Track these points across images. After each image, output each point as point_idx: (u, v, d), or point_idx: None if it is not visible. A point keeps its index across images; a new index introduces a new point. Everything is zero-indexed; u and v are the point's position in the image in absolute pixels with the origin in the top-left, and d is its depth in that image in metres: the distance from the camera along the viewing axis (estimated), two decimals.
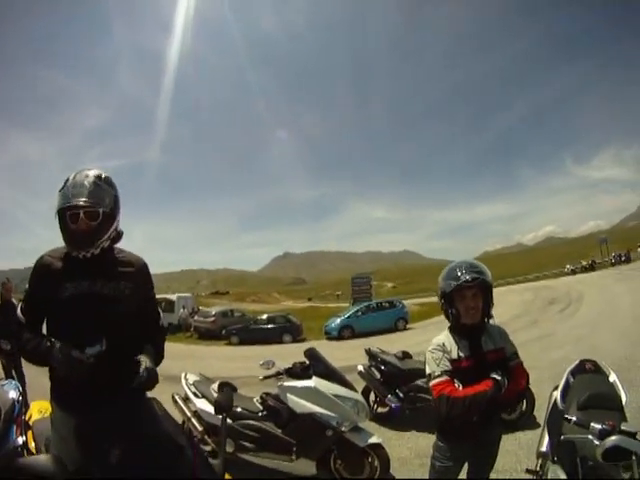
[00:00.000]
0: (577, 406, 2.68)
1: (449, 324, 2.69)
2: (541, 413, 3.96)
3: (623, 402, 2.84)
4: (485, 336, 2.62)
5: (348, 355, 11.29)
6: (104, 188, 2.16)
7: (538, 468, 3.05)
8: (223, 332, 24.01)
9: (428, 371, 2.56)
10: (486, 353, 2.57)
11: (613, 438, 2.01)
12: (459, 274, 2.54)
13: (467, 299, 2.52)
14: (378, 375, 6.55)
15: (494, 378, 2.41)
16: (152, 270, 2.37)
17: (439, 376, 2.47)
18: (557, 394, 3.05)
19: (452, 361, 2.52)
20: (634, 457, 1.95)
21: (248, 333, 23.20)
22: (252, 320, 25.44)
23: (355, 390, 4.56)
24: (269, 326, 23.60)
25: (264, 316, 25.15)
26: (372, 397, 6.66)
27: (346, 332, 22.17)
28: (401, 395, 6.29)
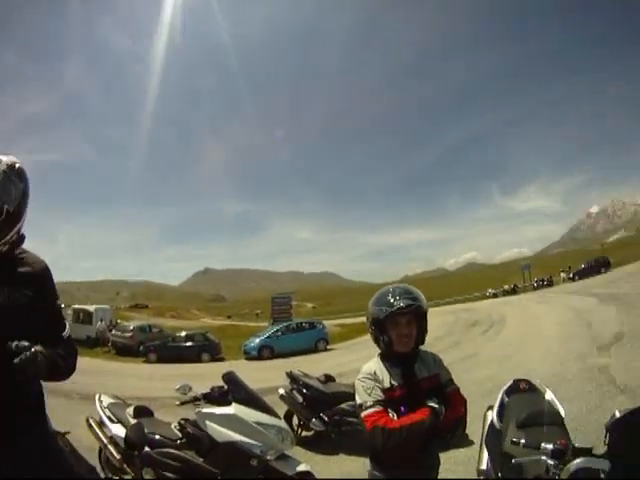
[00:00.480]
0: (516, 425, 2.71)
1: (379, 350, 2.57)
2: (473, 430, 3.98)
3: (563, 417, 2.93)
4: (418, 363, 2.54)
5: (268, 376, 11.36)
6: (13, 180, 1.81)
7: None
8: (141, 348, 23.67)
9: (359, 401, 2.40)
10: (420, 381, 2.48)
11: (580, 460, 2.00)
12: (392, 300, 2.43)
13: (401, 326, 2.43)
14: (301, 399, 6.48)
15: (431, 406, 2.32)
16: (72, 278, 2.04)
17: (372, 406, 2.33)
18: (493, 414, 3.15)
19: (384, 390, 2.40)
20: (602, 475, 1.95)
21: (166, 350, 23.11)
22: (170, 337, 25.42)
23: (278, 416, 4.39)
24: (187, 344, 23.71)
25: (182, 333, 25.32)
26: (295, 421, 6.64)
27: (266, 352, 22.42)
28: (326, 419, 6.27)
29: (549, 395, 3.22)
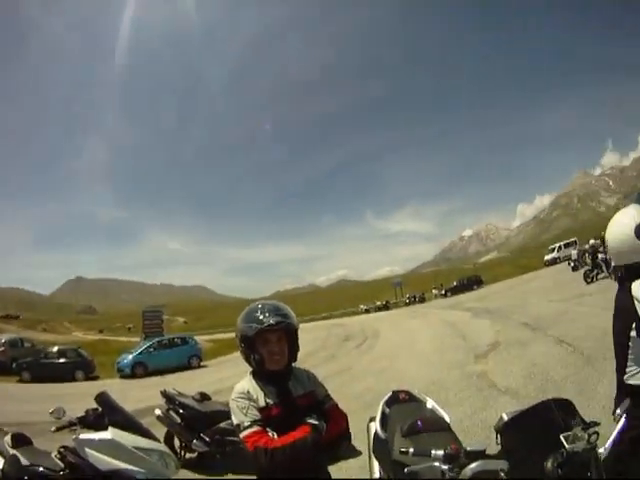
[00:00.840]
0: (401, 434, 2.71)
1: (251, 369, 2.48)
2: (359, 442, 4.02)
3: (448, 423, 2.99)
4: (293, 380, 2.50)
5: (144, 395, 11.15)
6: None
7: None
8: (14, 365, 22.08)
9: (236, 422, 2.30)
10: (296, 398, 2.43)
11: (478, 463, 1.95)
12: (262, 317, 2.37)
13: (271, 344, 2.37)
14: (179, 419, 6.31)
15: (311, 423, 2.27)
16: None
17: (250, 426, 2.24)
18: (376, 425, 3.20)
19: (261, 409, 2.32)
20: (502, 474, 1.93)
21: (40, 368, 21.68)
22: (43, 353, 23.56)
23: (157, 440, 4.16)
24: (60, 361, 22.44)
25: (55, 349, 23.89)
26: (177, 442, 6.43)
27: (139, 369, 21.83)
28: (207, 439, 6.08)
29: (430, 403, 3.31)
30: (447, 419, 3.08)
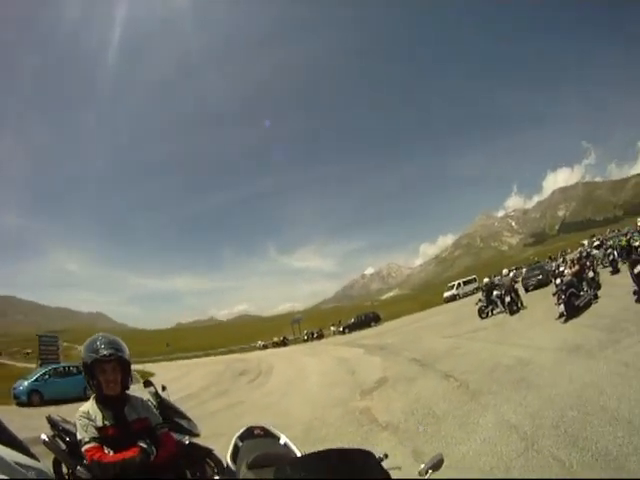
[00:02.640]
0: (247, 466, 2.96)
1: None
2: None
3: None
4: (128, 406, 3.17)
5: (40, 424, 10.00)
6: None
7: None
8: None
9: (79, 437, 2.97)
10: (131, 423, 3.10)
11: None
12: (98, 348, 3.05)
13: (107, 372, 3.04)
14: (63, 445, 6.11)
15: (141, 446, 2.94)
16: None
17: (88, 442, 2.91)
18: (227, 457, 3.42)
19: (99, 429, 2.97)
20: None
21: None
22: None
23: (38, 459, 4.12)
24: None
25: None
26: (65, 469, 6.21)
27: (35, 397, 21.41)
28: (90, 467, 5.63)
29: (283, 439, 3.62)
30: (298, 454, 3.30)
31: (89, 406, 3.06)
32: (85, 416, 2.98)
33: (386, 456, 2.39)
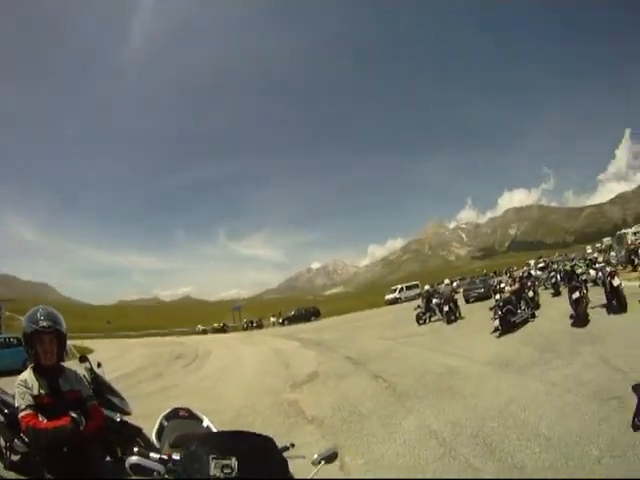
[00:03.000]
0: (169, 445, 3.13)
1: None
2: None
3: None
4: (62, 378, 3.39)
5: None
6: None
7: None
8: None
9: (17, 404, 3.17)
10: (65, 393, 3.32)
11: (134, 458, 2.35)
12: (38, 319, 3.22)
13: (45, 343, 3.25)
14: (1, 417, 6.35)
15: (72, 415, 3.16)
16: None
17: (24, 409, 3.11)
18: (152, 435, 3.71)
19: (35, 397, 3.16)
20: (155, 474, 2.32)
21: None
22: None
23: None
24: None
25: None
26: (2, 442, 6.39)
27: None
28: (27, 440, 5.66)
29: (206, 422, 3.90)
30: None
31: (27, 375, 3.27)
32: (23, 384, 3.19)
33: (292, 445, 2.67)
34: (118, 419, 5.76)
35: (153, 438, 3.67)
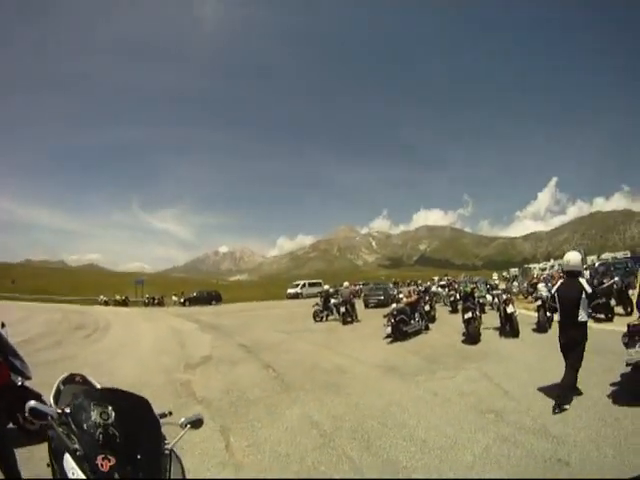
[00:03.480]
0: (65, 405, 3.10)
1: None
2: None
3: None
4: None
5: None
6: None
7: None
8: None
9: None
10: None
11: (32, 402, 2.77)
12: None
13: None
14: None
15: None
16: None
17: None
18: (50, 398, 3.83)
19: None
20: (50, 418, 2.77)
21: None
22: None
23: None
24: None
25: None
26: None
27: None
28: None
29: (98, 385, 4.17)
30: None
31: None
32: None
33: (170, 413, 3.27)
34: (19, 383, 5.69)
35: (51, 400, 3.75)
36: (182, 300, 58.20)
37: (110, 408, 2.69)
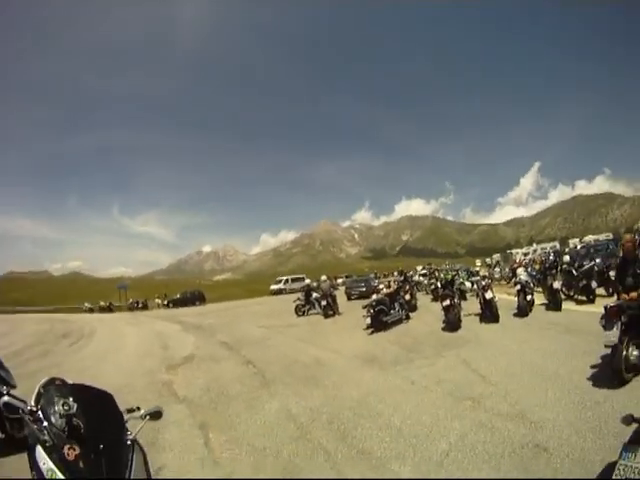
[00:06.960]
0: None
1: None
2: None
3: None
4: None
5: None
6: None
7: None
8: None
9: None
10: None
11: (5, 397, 3.08)
12: None
13: None
14: None
15: None
16: None
17: None
18: (31, 400, 3.74)
19: None
20: (21, 411, 3.09)
21: None
22: None
23: None
24: None
25: None
26: None
27: None
28: None
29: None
30: None
31: None
32: None
33: (138, 408, 3.44)
34: (5, 392, 5.70)
35: (32, 404, 3.69)
36: (166, 302, 58.40)
37: (71, 399, 2.94)
